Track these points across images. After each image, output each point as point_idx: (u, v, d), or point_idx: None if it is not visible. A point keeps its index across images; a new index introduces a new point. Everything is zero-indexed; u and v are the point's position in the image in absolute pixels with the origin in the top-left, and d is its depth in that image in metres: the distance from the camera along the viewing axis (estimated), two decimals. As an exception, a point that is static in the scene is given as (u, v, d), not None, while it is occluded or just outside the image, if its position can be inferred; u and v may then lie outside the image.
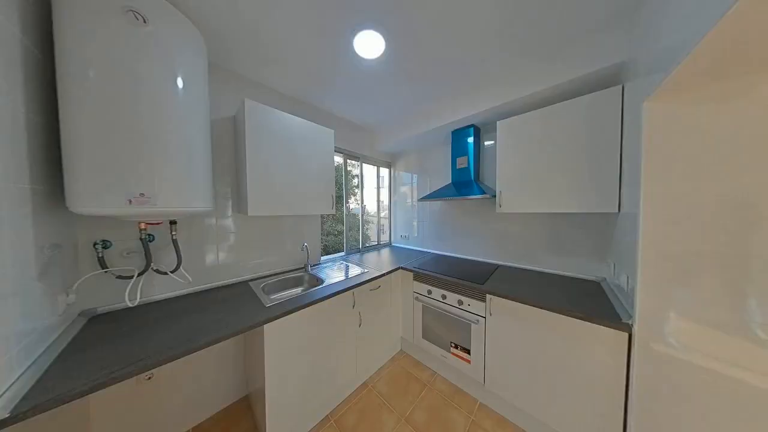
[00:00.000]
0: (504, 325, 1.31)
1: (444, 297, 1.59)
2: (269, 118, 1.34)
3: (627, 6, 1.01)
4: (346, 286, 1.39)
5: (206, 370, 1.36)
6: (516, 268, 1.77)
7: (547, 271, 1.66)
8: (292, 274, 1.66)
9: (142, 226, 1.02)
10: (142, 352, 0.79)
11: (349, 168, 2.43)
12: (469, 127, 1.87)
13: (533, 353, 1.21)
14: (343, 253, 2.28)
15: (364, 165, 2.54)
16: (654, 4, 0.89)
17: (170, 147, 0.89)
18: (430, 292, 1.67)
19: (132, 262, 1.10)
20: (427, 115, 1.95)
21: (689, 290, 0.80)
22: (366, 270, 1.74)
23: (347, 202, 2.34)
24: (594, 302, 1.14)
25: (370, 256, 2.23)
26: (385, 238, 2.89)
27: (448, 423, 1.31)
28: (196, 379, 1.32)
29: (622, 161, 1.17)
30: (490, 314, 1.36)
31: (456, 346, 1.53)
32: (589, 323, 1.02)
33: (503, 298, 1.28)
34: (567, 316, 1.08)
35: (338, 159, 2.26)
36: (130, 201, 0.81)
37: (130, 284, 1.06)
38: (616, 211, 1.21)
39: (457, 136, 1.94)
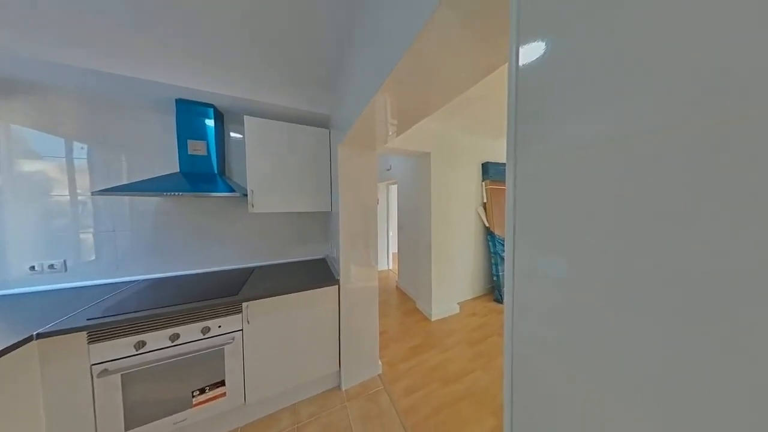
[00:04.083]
0: (263, 325, 1.32)
1: (175, 337, 1.15)
2: None
3: (328, 78, 1.57)
4: None
5: None
6: (272, 265, 1.91)
7: (296, 260, 2.03)
8: None
9: None
10: None
11: None
12: (207, 106, 1.53)
13: (289, 334, 1.38)
14: None
15: None
16: (339, 87, 1.50)
17: None
18: (141, 344, 1.09)
19: None
20: (120, 47, 1.19)
21: (356, 250, 1.54)
22: None
23: None
24: (323, 272, 1.65)
25: None
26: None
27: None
28: None
29: (332, 178, 1.82)
30: (248, 323, 1.28)
31: (202, 391, 1.21)
32: (321, 288, 1.46)
33: (259, 299, 1.30)
34: (309, 290, 1.43)
35: None
36: None
37: None
38: (330, 210, 1.86)
39: (187, 109, 1.49)
